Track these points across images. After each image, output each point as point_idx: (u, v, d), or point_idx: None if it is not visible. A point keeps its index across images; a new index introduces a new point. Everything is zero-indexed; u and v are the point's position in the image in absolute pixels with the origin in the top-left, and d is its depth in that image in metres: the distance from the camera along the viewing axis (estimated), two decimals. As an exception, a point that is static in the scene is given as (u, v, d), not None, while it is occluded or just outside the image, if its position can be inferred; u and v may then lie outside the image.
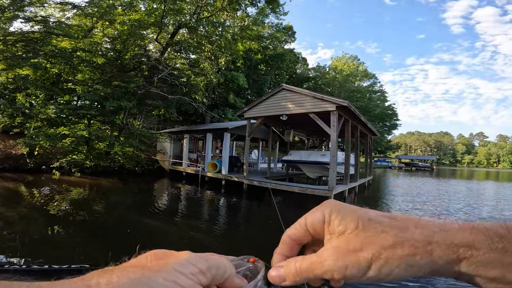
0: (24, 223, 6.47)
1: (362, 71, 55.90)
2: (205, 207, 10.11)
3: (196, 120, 25.75)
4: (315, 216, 0.30)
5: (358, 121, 13.37)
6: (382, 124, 53.59)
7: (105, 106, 14.14)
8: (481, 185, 25.28)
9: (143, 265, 0.27)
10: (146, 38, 16.25)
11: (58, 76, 14.82)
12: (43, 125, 13.55)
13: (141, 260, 0.29)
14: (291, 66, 36.17)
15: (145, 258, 0.29)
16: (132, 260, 0.29)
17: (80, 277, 0.23)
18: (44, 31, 12.44)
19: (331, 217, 0.28)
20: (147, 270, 0.24)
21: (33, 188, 10.89)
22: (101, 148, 14.40)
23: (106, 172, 15.62)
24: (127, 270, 0.24)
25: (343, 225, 0.28)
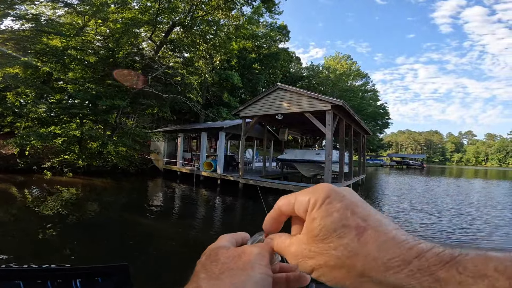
0: (15, 223, 6.37)
1: (355, 70, 56.51)
2: (201, 207, 10.10)
3: (190, 119, 25.61)
4: (302, 201, 0.30)
5: (352, 120, 13.53)
6: (374, 123, 54.26)
7: (97, 105, 13.93)
8: (470, 183, 25.90)
9: (230, 268, 0.28)
10: (139, 36, 16.05)
11: (49, 74, 14.53)
12: (33, 125, 13.26)
13: (216, 267, 0.29)
14: (285, 65, 36.29)
15: (214, 265, 0.30)
16: (210, 268, 0.30)
17: None
18: (35, 29, 12.17)
19: (313, 209, 0.28)
20: (241, 271, 0.27)
21: (24, 188, 10.68)
22: (94, 147, 14.19)
23: (99, 172, 15.41)
24: (225, 275, 0.27)
25: (311, 227, 0.28)
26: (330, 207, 0.27)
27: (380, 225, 0.26)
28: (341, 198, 0.28)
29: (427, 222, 8.22)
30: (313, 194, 0.29)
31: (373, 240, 0.25)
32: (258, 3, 20.70)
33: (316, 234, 0.27)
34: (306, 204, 0.29)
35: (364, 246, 0.25)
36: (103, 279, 0.60)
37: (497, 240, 6.75)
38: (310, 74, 49.33)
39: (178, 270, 4.38)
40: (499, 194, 17.52)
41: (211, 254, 0.31)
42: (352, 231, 0.26)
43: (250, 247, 0.32)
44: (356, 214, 0.27)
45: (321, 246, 0.27)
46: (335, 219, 0.27)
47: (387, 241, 0.25)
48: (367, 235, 0.25)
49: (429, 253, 0.23)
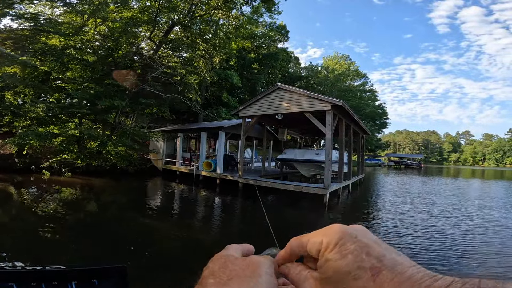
0: (12, 223, 6.33)
1: (354, 70, 56.64)
2: (200, 206, 10.09)
3: (188, 119, 25.57)
4: (314, 242, 0.30)
5: (351, 120, 13.57)
6: (373, 123, 54.42)
7: (96, 104, 13.88)
8: (470, 184, 26.03)
9: (238, 275, 0.29)
10: (139, 36, 16.00)
11: (48, 74, 14.46)
12: (32, 124, 13.19)
13: (224, 274, 0.30)
14: (284, 65, 36.30)
15: (222, 272, 0.30)
16: (220, 276, 0.30)
17: None
18: (34, 29, 12.10)
19: (325, 254, 0.28)
20: (249, 278, 0.28)
21: (23, 188, 10.63)
22: (93, 147, 14.14)
23: (98, 171, 15.36)
24: (233, 281, 0.28)
25: (324, 268, 0.28)
26: (344, 249, 0.27)
27: (395, 264, 0.26)
28: (354, 240, 0.28)
29: (429, 224, 8.25)
30: (325, 236, 0.29)
31: (389, 281, 0.25)
32: (258, 3, 20.70)
33: (330, 276, 0.27)
34: (319, 246, 0.29)
35: (380, 286, 0.25)
36: (99, 281, 0.60)
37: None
38: (309, 74, 49.39)
39: (177, 270, 4.38)
40: (499, 195, 17.65)
41: (219, 261, 0.32)
42: (367, 272, 0.26)
43: (257, 257, 0.32)
44: (371, 255, 0.26)
45: (335, 287, 0.27)
46: (349, 261, 0.26)
47: (403, 281, 0.24)
48: (383, 276, 0.25)
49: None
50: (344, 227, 0.30)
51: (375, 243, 0.28)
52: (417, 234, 6.99)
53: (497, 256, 5.60)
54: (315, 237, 0.30)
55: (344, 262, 0.27)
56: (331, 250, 0.28)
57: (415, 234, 7.03)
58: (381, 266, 0.26)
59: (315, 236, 0.30)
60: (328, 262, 0.28)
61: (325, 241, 0.29)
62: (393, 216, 9.10)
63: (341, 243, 0.28)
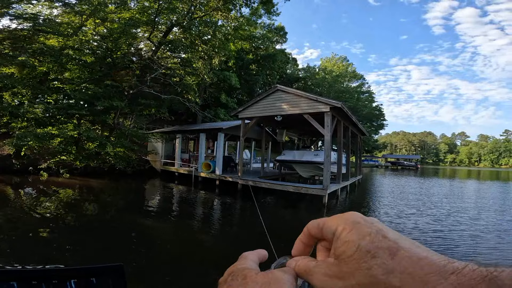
0: (10, 224, 6.31)
1: (351, 72, 56.96)
2: (199, 208, 10.10)
3: (187, 120, 25.56)
4: (330, 226, 0.31)
5: (349, 121, 13.67)
6: (370, 124, 54.76)
7: (95, 105, 13.85)
8: (467, 185, 26.27)
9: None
10: (138, 37, 16.00)
11: (46, 74, 14.39)
12: (30, 125, 13.12)
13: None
14: (282, 66, 36.42)
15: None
16: None
17: None
18: (33, 29, 12.06)
19: (341, 234, 0.30)
20: None
21: (20, 189, 10.58)
22: (91, 148, 14.10)
23: (96, 172, 15.31)
24: None
25: (343, 248, 0.29)
26: (362, 231, 0.29)
27: (411, 247, 0.27)
28: (370, 224, 0.29)
29: (433, 227, 8.34)
30: (342, 220, 0.30)
31: (407, 259, 0.26)
32: (257, 5, 20.76)
33: (349, 255, 0.28)
34: (335, 228, 0.30)
35: (399, 263, 0.26)
36: (97, 279, 0.61)
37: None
38: (306, 75, 49.58)
39: (174, 271, 4.41)
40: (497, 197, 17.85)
41: (238, 275, 0.30)
42: (385, 251, 0.27)
43: (279, 273, 0.31)
44: (387, 238, 0.28)
45: (353, 266, 0.28)
46: (367, 241, 0.28)
47: (421, 259, 0.26)
48: (401, 254, 0.26)
49: (466, 269, 0.24)
50: (360, 214, 0.31)
51: (390, 230, 0.29)
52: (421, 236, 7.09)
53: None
54: (332, 221, 0.31)
55: (363, 242, 0.28)
56: (349, 231, 0.29)
57: (417, 236, 7.12)
58: (398, 247, 0.27)
59: (331, 220, 0.32)
60: (345, 243, 0.29)
61: (342, 225, 0.30)
62: (392, 218, 9.19)
63: (358, 226, 0.29)
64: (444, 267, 0.25)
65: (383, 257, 0.27)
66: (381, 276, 0.26)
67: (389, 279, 0.26)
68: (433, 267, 0.25)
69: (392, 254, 0.27)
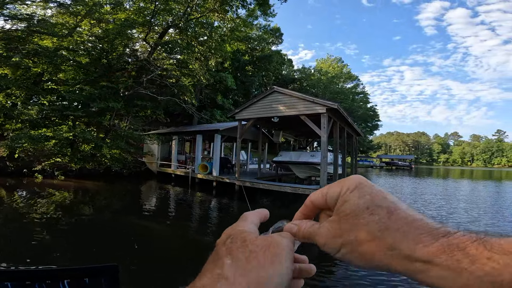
0: (5, 226, 6.25)
1: (346, 73, 57.40)
2: (196, 209, 10.11)
3: (182, 121, 25.46)
4: (334, 190, 0.32)
5: (345, 122, 13.81)
6: (365, 124, 55.20)
7: (90, 106, 13.75)
8: (461, 185, 26.64)
9: (258, 259, 0.28)
10: (133, 37, 15.93)
11: (40, 75, 14.25)
12: (24, 127, 12.97)
13: (243, 254, 0.29)
14: (278, 68, 36.54)
15: (241, 252, 0.29)
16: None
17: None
18: (27, 29, 11.94)
19: (344, 194, 0.31)
20: (270, 264, 0.28)
21: (15, 192, 10.46)
22: (87, 150, 13.98)
23: (91, 174, 15.19)
24: (253, 265, 0.27)
25: (344, 207, 0.31)
26: (363, 191, 0.30)
27: (407, 208, 0.29)
28: (372, 186, 0.31)
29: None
30: (345, 183, 0.32)
31: (403, 218, 0.28)
32: (253, 6, 20.83)
33: (348, 213, 0.30)
34: (339, 193, 0.32)
35: (395, 222, 0.28)
36: (90, 279, 0.62)
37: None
38: (302, 76, 49.80)
39: (171, 272, 4.43)
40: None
41: (237, 238, 0.31)
42: (384, 210, 0.29)
43: (278, 237, 0.32)
44: (387, 199, 0.30)
45: (352, 222, 0.29)
46: (367, 200, 0.30)
47: (416, 220, 0.28)
48: (397, 214, 0.28)
49: (457, 233, 0.26)
50: (361, 176, 0.33)
51: (390, 193, 0.31)
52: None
53: None
54: (335, 186, 0.33)
55: (362, 200, 0.30)
56: (351, 191, 0.31)
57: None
58: (396, 207, 0.29)
59: (335, 186, 0.33)
60: (347, 201, 0.30)
61: (345, 187, 0.31)
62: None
63: (360, 187, 0.31)
64: (437, 229, 0.27)
65: (381, 215, 0.28)
66: (377, 233, 0.28)
67: (384, 236, 0.28)
68: (426, 228, 0.27)
69: (389, 213, 0.28)
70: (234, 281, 0.25)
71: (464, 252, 0.24)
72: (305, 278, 0.37)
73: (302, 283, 0.36)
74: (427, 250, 0.26)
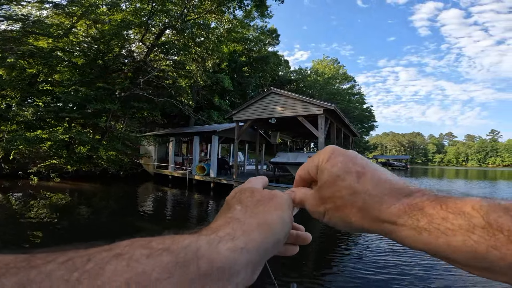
0: (0, 230, 6.18)
1: (342, 74, 57.73)
2: (194, 211, 10.08)
3: (179, 123, 25.38)
4: (313, 162, 0.35)
5: (342, 123, 13.89)
6: (361, 125, 55.56)
7: (86, 108, 13.66)
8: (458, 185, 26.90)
9: (264, 205, 0.31)
10: (130, 39, 15.87)
11: (35, 76, 14.12)
12: (19, 128, 12.84)
13: (251, 202, 0.32)
14: (275, 69, 36.62)
15: (249, 200, 0.32)
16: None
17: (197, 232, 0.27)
18: (22, 30, 11.84)
19: (320, 165, 0.34)
20: (274, 210, 0.31)
21: (10, 194, 10.34)
22: (83, 151, 13.88)
23: (88, 176, 15.07)
24: (260, 210, 0.30)
25: (321, 177, 0.33)
26: (335, 160, 0.33)
27: (376, 170, 0.31)
28: (343, 153, 0.33)
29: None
30: (320, 155, 0.35)
31: (370, 181, 0.30)
32: (250, 7, 20.88)
33: (324, 182, 0.32)
34: (317, 163, 0.35)
35: (362, 185, 0.30)
36: None
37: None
38: (298, 77, 49.95)
39: None
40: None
41: (246, 191, 0.34)
42: (353, 174, 0.31)
43: (280, 192, 0.35)
44: (357, 164, 0.32)
45: (329, 190, 0.32)
46: (339, 167, 0.32)
47: (381, 181, 0.30)
48: (365, 177, 0.30)
49: (418, 193, 0.27)
50: (335, 146, 0.35)
51: (360, 157, 0.33)
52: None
53: None
54: (313, 158, 0.36)
55: (334, 169, 0.32)
56: (325, 162, 0.33)
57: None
58: (364, 171, 0.31)
59: (314, 158, 0.36)
60: (323, 171, 0.33)
61: (321, 158, 0.34)
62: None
63: (332, 157, 0.33)
64: (401, 189, 0.28)
65: (350, 180, 0.30)
66: (349, 197, 0.30)
67: (354, 199, 0.30)
68: (391, 189, 0.29)
69: (358, 177, 0.30)
70: (245, 221, 0.28)
71: (422, 211, 0.25)
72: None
73: (297, 250, 0.39)
74: (390, 211, 0.27)
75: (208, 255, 0.22)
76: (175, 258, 0.20)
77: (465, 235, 0.23)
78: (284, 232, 0.30)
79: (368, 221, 0.29)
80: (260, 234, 0.27)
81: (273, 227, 0.29)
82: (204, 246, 0.23)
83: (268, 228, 0.28)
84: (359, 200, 0.29)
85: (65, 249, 0.18)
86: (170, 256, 0.20)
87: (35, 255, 0.17)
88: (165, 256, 0.20)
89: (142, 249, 0.20)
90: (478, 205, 0.23)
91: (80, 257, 0.18)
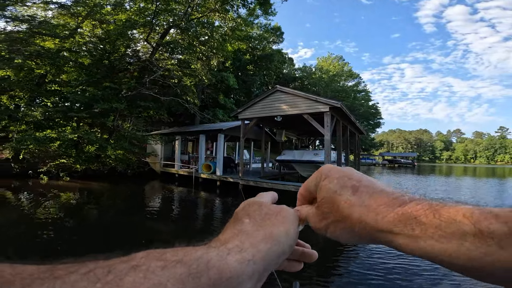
0: (11, 228, 6.29)
1: (347, 71, 57.23)
2: (201, 209, 10.14)
3: (185, 121, 25.52)
4: (312, 180, 0.38)
5: (348, 121, 13.79)
6: (367, 122, 55.11)
7: (94, 107, 13.82)
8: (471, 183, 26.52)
9: (271, 219, 0.33)
10: (135, 38, 15.98)
11: (43, 77, 14.33)
12: (29, 128, 13.06)
13: (259, 215, 0.33)
14: (279, 67, 36.49)
15: (257, 214, 0.34)
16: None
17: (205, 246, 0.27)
18: (29, 31, 12.01)
19: (319, 183, 0.36)
20: (280, 224, 0.32)
21: (20, 193, 10.54)
22: (91, 151, 14.06)
23: (96, 175, 15.26)
24: (267, 223, 0.32)
25: (319, 194, 0.35)
26: (332, 177, 0.35)
27: (370, 183, 0.33)
28: (339, 171, 0.35)
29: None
30: (319, 173, 0.37)
31: (365, 193, 0.31)
32: (254, 5, 20.81)
33: (323, 198, 0.34)
34: (315, 183, 0.37)
35: (358, 198, 0.31)
36: None
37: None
38: (303, 75, 49.72)
39: None
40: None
41: (254, 204, 0.36)
42: (349, 189, 0.33)
43: (287, 207, 0.37)
44: (352, 179, 0.34)
45: (328, 206, 0.34)
46: (335, 183, 0.34)
47: (376, 192, 0.31)
48: (361, 191, 0.32)
49: (412, 203, 0.28)
50: (332, 165, 0.38)
51: (356, 173, 0.35)
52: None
53: None
54: (312, 177, 0.38)
55: (331, 185, 0.34)
56: (323, 180, 0.35)
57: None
58: (359, 185, 0.33)
59: (312, 177, 0.38)
60: (321, 188, 0.35)
61: (319, 177, 0.36)
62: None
63: (329, 174, 0.35)
64: (395, 199, 0.29)
65: (346, 194, 0.32)
66: (347, 211, 0.31)
67: (351, 212, 0.31)
68: (385, 200, 0.30)
69: (354, 190, 0.32)
70: (252, 234, 0.29)
71: (417, 220, 0.26)
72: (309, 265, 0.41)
73: (301, 266, 0.40)
74: (386, 221, 0.28)
75: (218, 266, 0.23)
76: (188, 270, 0.22)
77: (458, 243, 0.24)
78: (288, 244, 0.31)
79: (368, 232, 0.30)
80: (266, 245, 0.28)
81: (278, 239, 0.30)
82: (214, 257, 0.24)
83: (274, 240, 0.29)
84: (356, 212, 0.31)
85: (84, 260, 0.21)
86: (183, 268, 0.22)
87: (56, 266, 0.19)
88: (179, 267, 0.22)
89: (157, 261, 0.22)
90: (469, 213, 0.24)
91: (100, 268, 0.20)
